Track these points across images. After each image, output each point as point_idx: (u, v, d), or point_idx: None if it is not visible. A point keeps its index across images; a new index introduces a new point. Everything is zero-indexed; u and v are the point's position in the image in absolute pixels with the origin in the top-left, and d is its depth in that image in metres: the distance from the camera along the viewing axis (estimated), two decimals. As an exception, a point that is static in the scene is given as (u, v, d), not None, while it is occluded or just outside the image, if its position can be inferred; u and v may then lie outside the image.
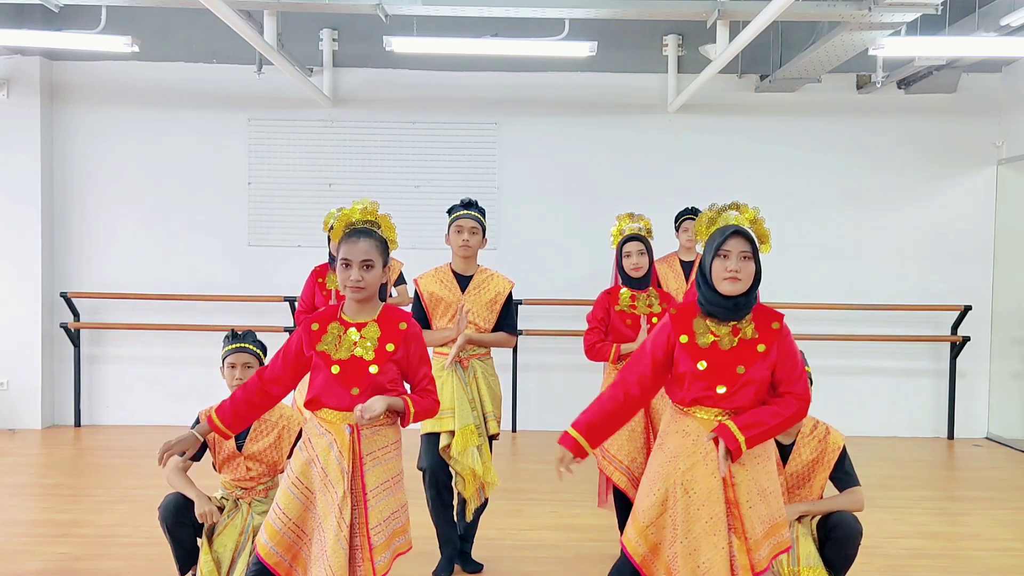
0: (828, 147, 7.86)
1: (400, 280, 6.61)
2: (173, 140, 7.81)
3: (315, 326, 3.08)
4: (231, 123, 7.82)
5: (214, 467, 3.97)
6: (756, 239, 2.91)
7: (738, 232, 2.86)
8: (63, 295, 7.63)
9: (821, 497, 3.59)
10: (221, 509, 3.84)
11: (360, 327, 3.05)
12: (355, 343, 3.02)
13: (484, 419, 4.29)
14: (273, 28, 6.53)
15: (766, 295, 6.03)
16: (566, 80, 7.80)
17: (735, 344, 2.86)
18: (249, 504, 3.89)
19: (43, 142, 7.63)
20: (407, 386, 3.18)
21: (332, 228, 3.14)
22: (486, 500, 4.35)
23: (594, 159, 7.88)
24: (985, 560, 4.70)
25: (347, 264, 3.01)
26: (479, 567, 4.40)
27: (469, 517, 4.37)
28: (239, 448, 3.87)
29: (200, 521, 3.75)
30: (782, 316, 2.92)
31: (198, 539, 3.83)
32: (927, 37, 6.31)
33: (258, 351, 3.93)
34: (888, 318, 7.79)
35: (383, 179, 7.81)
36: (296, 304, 5.87)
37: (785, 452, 3.52)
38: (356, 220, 3.10)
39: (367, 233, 3.06)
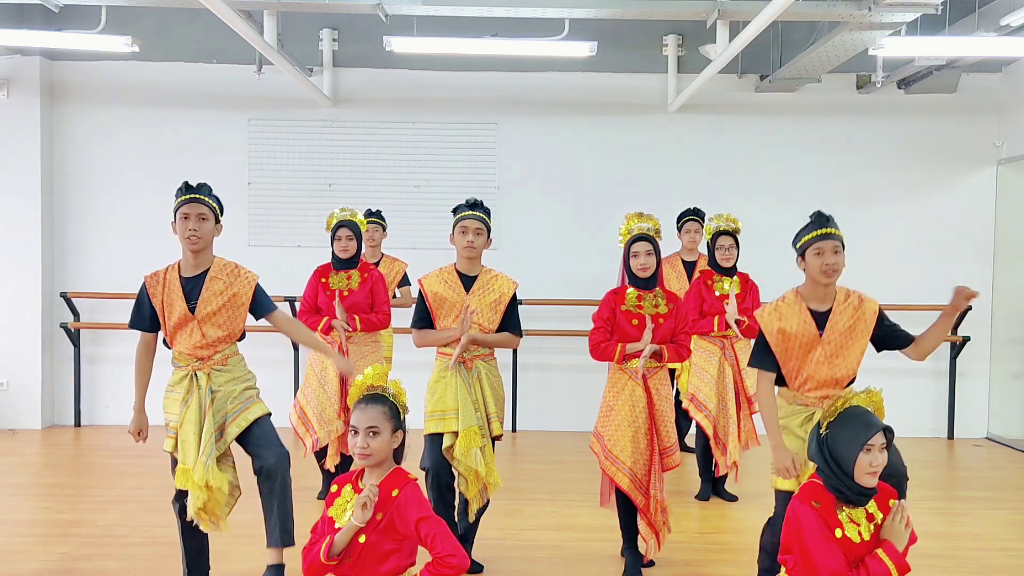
0: (828, 147, 7.86)
1: (404, 281, 6.62)
2: (173, 140, 7.80)
3: (334, 487, 2.99)
4: (231, 123, 7.82)
5: (165, 343, 3.76)
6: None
7: (883, 429, 2.96)
8: (63, 295, 7.62)
9: (859, 364, 3.57)
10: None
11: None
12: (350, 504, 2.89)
13: (488, 420, 4.28)
14: (273, 28, 6.53)
15: (767, 293, 6.04)
16: (566, 80, 7.80)
17: (872, 531, 2.92)
18: (208, 375, 3.69)
19: (43, 142, 7.62)
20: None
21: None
22: (488, 501, 4.35)
23: (594, 159, 7.88)
24: (985, 560, 4.71)
25: (354, 431, 2.90)
26: (479, 567, 4.39)
27: (472, 518, 4.36)
28: (192, 311, 3.68)
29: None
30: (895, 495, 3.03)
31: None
32: (927, 37, 6.32)
33: (214, 204, 3.70)
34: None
35: (383, 179, 7.82)
36: (298, 304, 5.87)
37: (822, 320, 3.52)
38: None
39: (378, 399, 2.95)
